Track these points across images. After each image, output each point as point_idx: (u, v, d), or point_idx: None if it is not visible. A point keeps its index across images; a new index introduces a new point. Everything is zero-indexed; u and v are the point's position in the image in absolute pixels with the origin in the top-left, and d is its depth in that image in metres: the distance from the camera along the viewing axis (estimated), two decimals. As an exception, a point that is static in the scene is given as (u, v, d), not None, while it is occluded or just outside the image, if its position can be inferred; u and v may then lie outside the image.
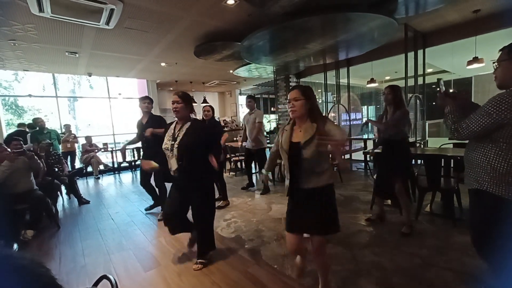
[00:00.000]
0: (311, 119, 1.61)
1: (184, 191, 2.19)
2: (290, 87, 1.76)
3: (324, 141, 1.48)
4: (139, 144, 4.10)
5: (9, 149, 3.06)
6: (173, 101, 2.12)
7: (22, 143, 3.34)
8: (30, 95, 7.33)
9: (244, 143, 4.63)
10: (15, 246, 1.79)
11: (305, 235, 1.71)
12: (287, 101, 1.67)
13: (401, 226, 2.67)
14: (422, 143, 5.33)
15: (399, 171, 2.61)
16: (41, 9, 3.00)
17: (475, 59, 4.35)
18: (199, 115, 4.03)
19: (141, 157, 2.37)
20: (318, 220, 1.60)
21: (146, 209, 3.85)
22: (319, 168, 1.59)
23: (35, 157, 3.39)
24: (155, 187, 3.66)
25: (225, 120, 10.31)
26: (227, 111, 11.62)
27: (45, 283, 0.34)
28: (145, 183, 3.64)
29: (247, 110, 4.48)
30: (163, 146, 2.19)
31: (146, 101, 3.34)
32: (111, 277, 0.87)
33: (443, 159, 3.03)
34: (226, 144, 6.32)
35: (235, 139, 8.34)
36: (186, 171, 2.10)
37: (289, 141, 1.64)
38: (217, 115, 10.98)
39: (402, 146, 2.62)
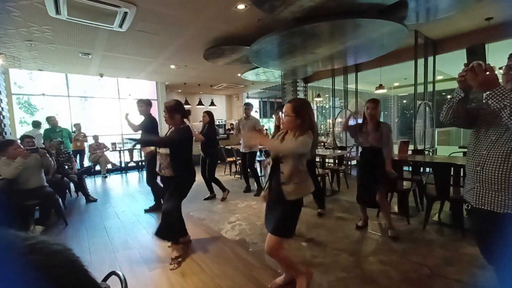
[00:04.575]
0: (299, 132, 1.63)
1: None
2: (286, 101, 1.87)
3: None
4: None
5: (22, 146, 3.15)
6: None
7: (34, 140, 3.44)
8: (43, 94, 7.52)
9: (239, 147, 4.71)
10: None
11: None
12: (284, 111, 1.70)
13: (409, 235, 2.63)
14: (431, 151, 5.24)
15: (379, 180, 2.66)
16: (58, 11, 3.10)
17: (487, 67, 4.27)
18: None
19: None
20: (274, 222, 1.73)
21: (146, 210, 3.81)
22: (291, 180, 1.64)
23: (47, 154, 3.48)
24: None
25: (232, 124, 10.34)
26: (234, 114, 11.67)
27: (78, 269, 0.35)
28: (151, 182, 3.71)
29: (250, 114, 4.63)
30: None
31: (140, 104, 3.79)
32: (120, 273, 0.88)
33: (452, 168, 2.97)
34: (232, 147, 6.34)
35: (240, 142, 8.35)
36: None
37: None
38: (223, 118, 11.01)
39: (381, 155, 2.63)
